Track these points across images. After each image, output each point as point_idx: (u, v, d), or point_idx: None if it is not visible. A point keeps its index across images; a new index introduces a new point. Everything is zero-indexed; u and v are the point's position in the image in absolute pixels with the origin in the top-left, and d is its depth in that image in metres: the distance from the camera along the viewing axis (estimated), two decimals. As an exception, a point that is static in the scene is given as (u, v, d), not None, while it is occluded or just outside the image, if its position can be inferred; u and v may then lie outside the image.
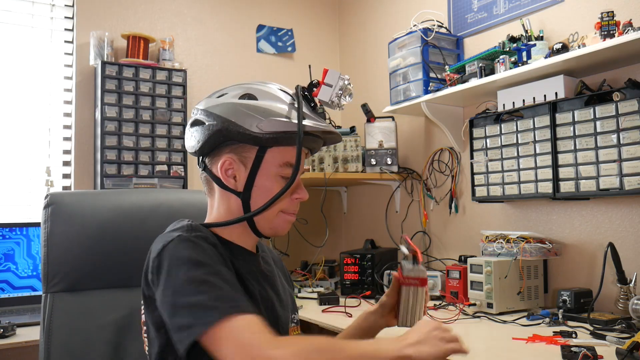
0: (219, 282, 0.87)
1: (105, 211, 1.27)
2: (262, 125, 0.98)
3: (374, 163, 2.50)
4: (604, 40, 1.60)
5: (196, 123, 1.03)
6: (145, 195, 1.41)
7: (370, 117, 2.52)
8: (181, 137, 2.44)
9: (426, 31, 2.23)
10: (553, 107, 1.78)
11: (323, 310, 1.97)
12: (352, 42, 3.13)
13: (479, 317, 1.79)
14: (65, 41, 2.50)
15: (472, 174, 2.08)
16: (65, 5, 2.50)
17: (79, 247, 1.22)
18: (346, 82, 1.11)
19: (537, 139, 1.83)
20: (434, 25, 2.31)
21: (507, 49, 1.94)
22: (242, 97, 1.02)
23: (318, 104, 1.10)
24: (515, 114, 1.93)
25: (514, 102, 1.92)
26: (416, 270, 1.10)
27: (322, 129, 1.04)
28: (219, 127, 0.99)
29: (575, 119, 1.72)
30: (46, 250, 1.20)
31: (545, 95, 1.82)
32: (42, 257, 1.21)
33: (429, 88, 2.18)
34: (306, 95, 1.07)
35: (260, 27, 2.97)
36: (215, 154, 1.03)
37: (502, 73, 1.88)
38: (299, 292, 2.30)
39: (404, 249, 1.13)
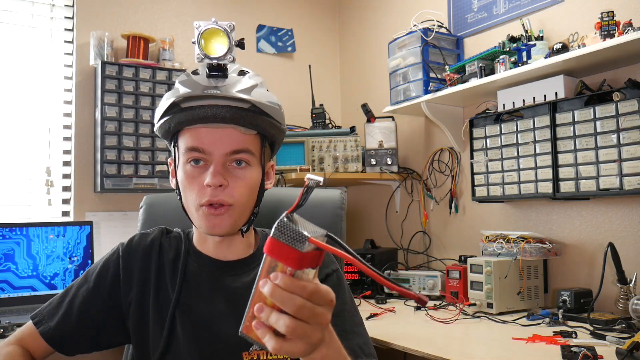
0: (70, 296, 1.00)
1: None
2: (156, 114, 0.95)
3: (374, 163, 2.50)
4: (604, 40, 1.60)
5: None
6: None
7: (370, 117, 2.52)
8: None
9: (426, 31, 2.23)
10: (553, 107, 1.78)
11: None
12: (352, 42, 3.13)
13: (479, 317, 1.78)
14: (65, 41, 2.50)
15: (472, 174, 2.08)
16: (65, 5, 2.50)
17: None
18: (204, 28, 0.88)
19: (537, 139, 1.83)
20: (434, 25, 2.31)
21: (507, 49, 1.94)
22: None
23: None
24: (515, 114, 1.93)
25: (514, 102, 1.92)
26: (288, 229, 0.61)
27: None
28: None
29: (575, 119, 1.72)
30: None
31: (545, 95, 1.82)
32: None
33: (429, 88, 2.18)
34: (210, 65, 0.92)
35: (260, 27, 2.97)
36: None
37: (502, 73, 1.88)
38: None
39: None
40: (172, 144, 0.97)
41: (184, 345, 0.95)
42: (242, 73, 0.96)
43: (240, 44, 0.90)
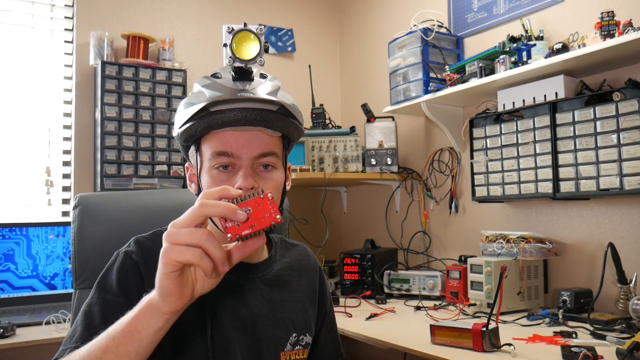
0: (98, 312, 0.87)
1: (130, 211, 1.30)
2: (178, 120, 0.95)
3: (374, 163, 2.50)
4: (604, 40, 1.60)
5: None
6: (169, 195, 1.43)
7: (370, 117, 2.52)
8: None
9: (426, 31, 2.23)
10: (553, 107, 1.78)
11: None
12: (352, 42, 3.13)
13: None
14: (65, 41, 2.50)
15: (472, 174, 2.08)
16: (65, 5, 2.50)
17: (104, 246, 1.24)
18: (236, 31, 0.88)
19: (537, 139, 1.83)
20: (434, 25, 2.31)
21: (507, 49, 1.94)
22: None
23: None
24: (515, 114, 1.93)
25: (514, 102, 1.92)
26: None
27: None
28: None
29: (576, 119, 1.72)
30: (74, 249, 1.24)
31: (545, 95, 1.82)
32: (72, 255, 1.25)
33: (429, 88, 2.18)
34: (237, 68, 0.92)
35: (260, 27, 2.97)
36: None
37: (502, 73, 1.88)
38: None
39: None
40: (195, 149, 0.96)
41: (228, 351, 0.93)
42: (262, 76, 0.96)
43: (265, 48, 0.91)
